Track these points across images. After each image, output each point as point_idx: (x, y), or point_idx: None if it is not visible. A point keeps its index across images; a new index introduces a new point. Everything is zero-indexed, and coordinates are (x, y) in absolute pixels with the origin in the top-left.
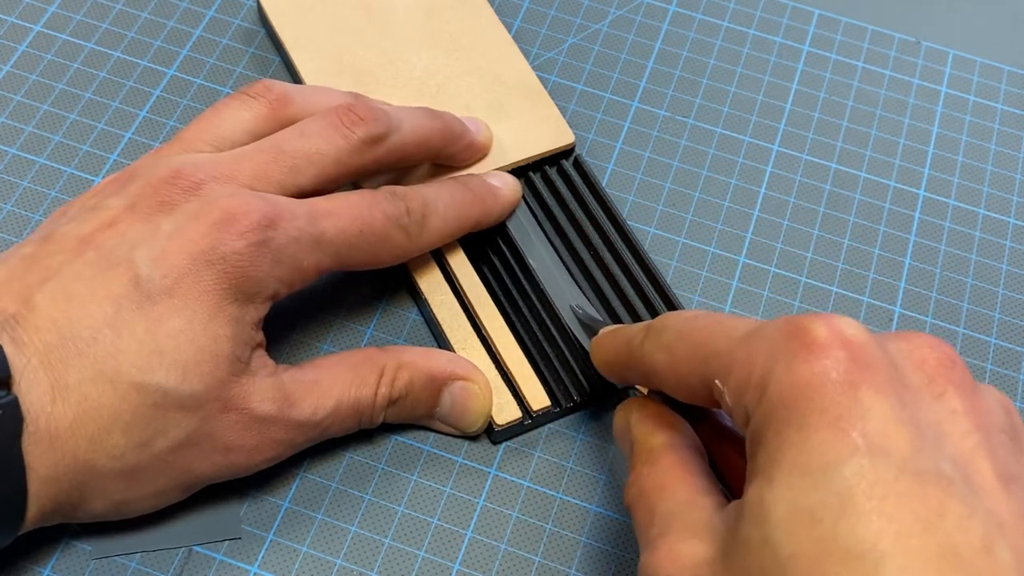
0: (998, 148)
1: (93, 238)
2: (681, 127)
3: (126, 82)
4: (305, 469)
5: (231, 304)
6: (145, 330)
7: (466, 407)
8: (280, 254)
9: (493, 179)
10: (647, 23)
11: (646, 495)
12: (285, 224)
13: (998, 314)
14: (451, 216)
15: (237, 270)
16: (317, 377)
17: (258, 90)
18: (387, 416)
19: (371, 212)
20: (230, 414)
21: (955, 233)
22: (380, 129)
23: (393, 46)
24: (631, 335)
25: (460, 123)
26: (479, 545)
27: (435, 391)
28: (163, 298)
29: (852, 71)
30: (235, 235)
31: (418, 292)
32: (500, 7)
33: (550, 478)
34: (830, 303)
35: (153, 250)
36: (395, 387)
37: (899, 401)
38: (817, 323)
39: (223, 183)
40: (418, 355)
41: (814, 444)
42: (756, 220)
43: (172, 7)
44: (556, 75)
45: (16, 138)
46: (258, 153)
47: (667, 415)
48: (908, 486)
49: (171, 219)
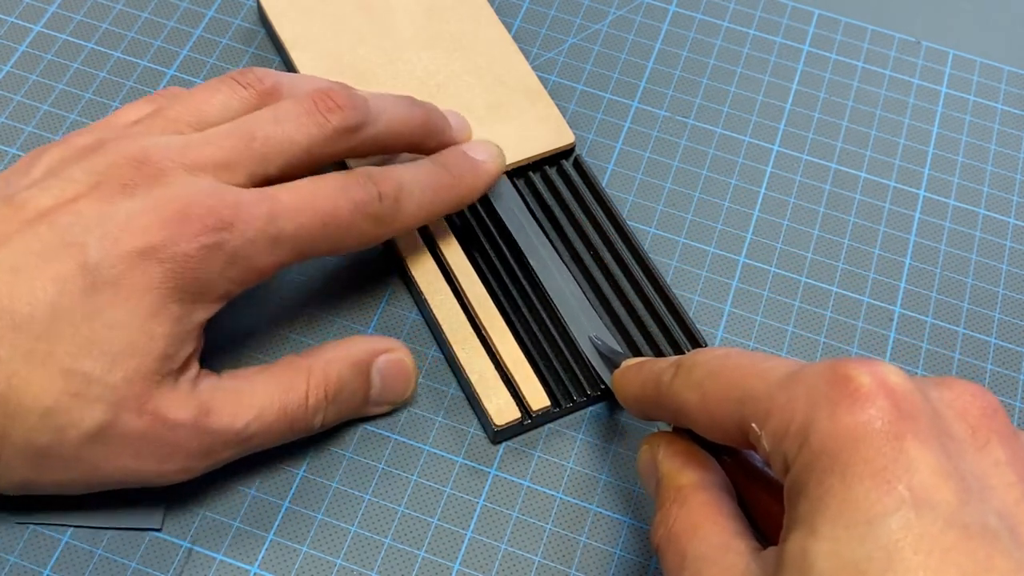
0: (998, 148)
1: (50, 212)
2: (681, 127)
3: (126, 82)
4: (305, 469)
5: (175, 303)
6: (83, 317)
7: (396, 377)
8: (234, 256)
9: (475, 151)
10: (647, 23)
11: (676, 537)
12: (242, 226)
13: (998, 314)
14: (427, 200)
15: (186, 271)
16: (238, 386)
17: (249, 80)
18: (326, 418)
19: (336, 202)
20: (144, 416)
21: (955, 233)
22: (356, 118)
23: (393, 46)
24: (659, 371)
25: (442, 118)
26: (479, 545)
27: (364, 374)
28: (107, 288)
29: (852, 71)
30: (188, 236)
31: (418, 292)
32: (500, 7)
33: (550, 478)
34: (830, 303)
35: (106, 237)
36: (328, 385)
37: (944, 452)
38: (860, 370)
39: (189, 172)
40: (338, 348)
41: (859, 495)
42: (756, 220)
43: (172, 7)
44: (556, 75)
45: (16, 138)
46: (229, 138)
47: (696, 453)
48: (955, 540)
49: (130, 204)
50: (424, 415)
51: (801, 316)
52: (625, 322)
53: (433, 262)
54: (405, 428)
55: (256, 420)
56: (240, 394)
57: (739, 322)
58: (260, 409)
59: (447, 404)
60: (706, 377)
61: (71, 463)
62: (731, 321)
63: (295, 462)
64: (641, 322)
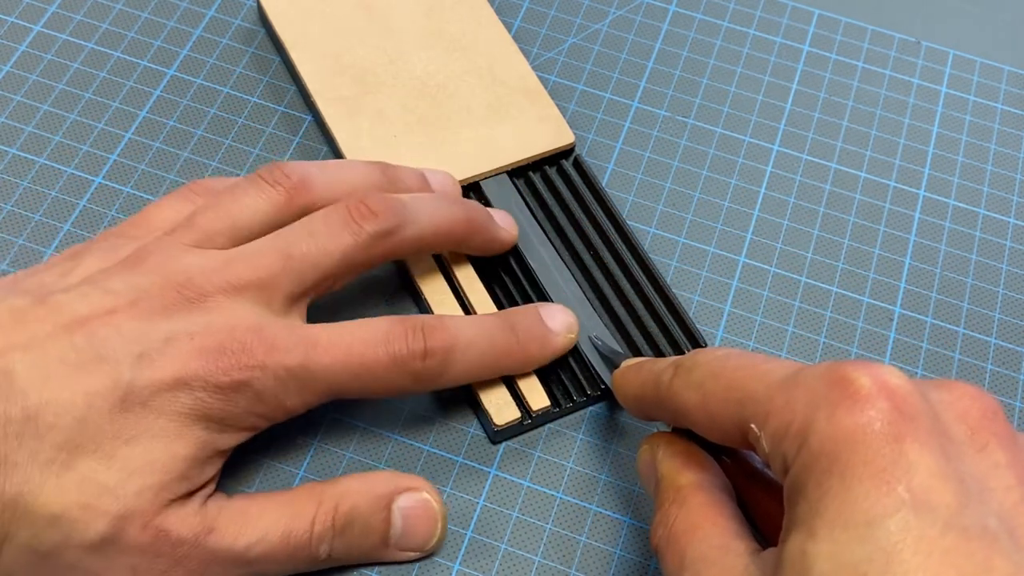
0: (998, 148)
1: (88, 321)
2: (681, 127)
3: (126, 82)
4: (306, 469)
5: (201, 429)
6: (109, 434)
7: (419, 518)
8: (263, 394)
9: (552, 318)
10: (647, 23)
11: (676, 537)
12: (274, 367)
13: (998, 314)
14: (481, 363)
15: (216, 402)
16: (245, 507)
17: (276, 177)
18: (334, 551)
19: (376, 353)
20: (148, 530)
21: (955, 233)
22: (392, 222)
23: (393, 46)
24: (658, 371)
25: (485, 214)
26: (479, 545)
27: (384, 511)
28: (136, 408)
29: (852, 71)
30: (222, 370)
31: (418, 292)
32: (500, 7)
33: (550, 478)
34: (830, 303)
35: (142, 359)
36: (337, 515)
37: (943, 454)
38: (860, 372)
39: (228, 296)
40: (359, 480)
41: (858, 497)
42: (756, 220)
43: (172, 7)
44: (556, 75)
45: (16, 138)
46: (265, 257)
47: (696, 453)
48: (954, 542)
49: (169, 325)
50: (424, 415)
51: (801, 316)
52: (625, 322)
53: (433, 261)
54: (405, 428)
55: (259, 543)
56: (246, 515)
57: (739, 322)
58: (264, 532)
59: (447, 404)
60: (706, 378)
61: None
62: (731, 321)
63: (296, 462)
64: (641, 322)
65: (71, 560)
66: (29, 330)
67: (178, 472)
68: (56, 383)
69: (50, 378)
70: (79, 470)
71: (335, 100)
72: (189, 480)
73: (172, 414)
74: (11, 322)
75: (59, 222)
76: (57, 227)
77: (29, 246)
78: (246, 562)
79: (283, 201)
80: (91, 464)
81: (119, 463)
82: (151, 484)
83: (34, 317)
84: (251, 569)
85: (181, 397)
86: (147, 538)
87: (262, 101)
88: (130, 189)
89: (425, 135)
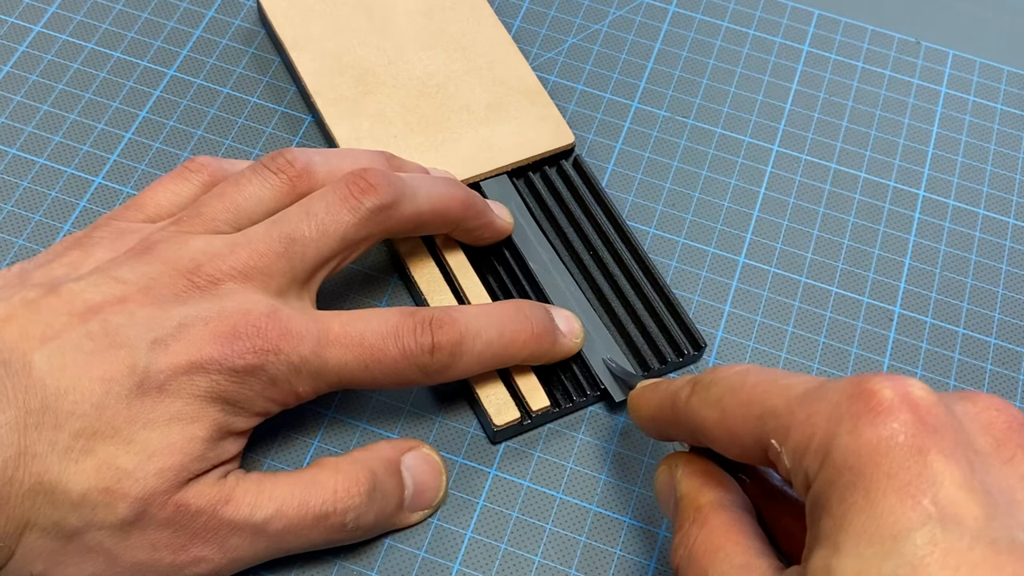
0: (998, 148)
1: (101, 309)
2: (681, 127)
3: (126, 82)
4: None
5: (218, 411)
6: (126, 419)
7: (426, 472)
8: (275, 379)
9: (562, 321)
10: (647, 23)
11: (697, 557)
12: (287, 352)
13: (998, 314)
14: (491, 353)
15: (231, 384)
16: (261, 479)
17: (280, 164)
18: (361, 519)
19: (385, 346)
20: (167, 507)
21: (955, 233)
22: (390, 196)
23: (393, 46)
24: (675, 389)
25: (483, 201)
26: (479, 545)
27: (396, 473)
28: (153, 392)
29: (852, 71)
30: (237, 354)
31: (418, 292)
32: (500, 7)
33: (550, 478)
34: (830, 303)
35: (157, 344)
36: (360, 482)
37: (969, 466)
38: (883, 384)
39: (239, 282)
40: (364, 449)
41: (883, 511)
42: (756, 220)
43: (172, 7)
44: (556, 75)
45: (16, 138)
46: (268, 242)
47: (715, 472)
48: (982, 555)
49: (183, 311)
50: (424, 415)
51: (801, 316)
52: (625, 322)
53: (433, 262)
54: (405, 428)
55: (277, 514)
56: (261, 486)
57: (739, 322)
58: (280, 503)
59: (447, 404)
60: (725, 394)
61: (89, 555)
62: (731, 321)
63: (296, 462)
64: (641, 322)
65: (94, 542)
66: (44, 320)
67: (196, 453)
68: (73, 371)
69: (67, 367)
70: (99, 455)
71: (335, 100)
72: (207, 460)
73: (189, 397)
74: (26, 313)
75: (59, 222)
76: (57, 227)
77: (29, 246)
78: (268, 535)
79: (286, 189)
80: (111, 449)
81: (138, 447)
82: (171, 465)
83: (48, 307)
84: (276, 543)
85: (197, 380)
86: (167, 514)
87: (262, 101)
88: (130, 189)
89: (425, 135)
